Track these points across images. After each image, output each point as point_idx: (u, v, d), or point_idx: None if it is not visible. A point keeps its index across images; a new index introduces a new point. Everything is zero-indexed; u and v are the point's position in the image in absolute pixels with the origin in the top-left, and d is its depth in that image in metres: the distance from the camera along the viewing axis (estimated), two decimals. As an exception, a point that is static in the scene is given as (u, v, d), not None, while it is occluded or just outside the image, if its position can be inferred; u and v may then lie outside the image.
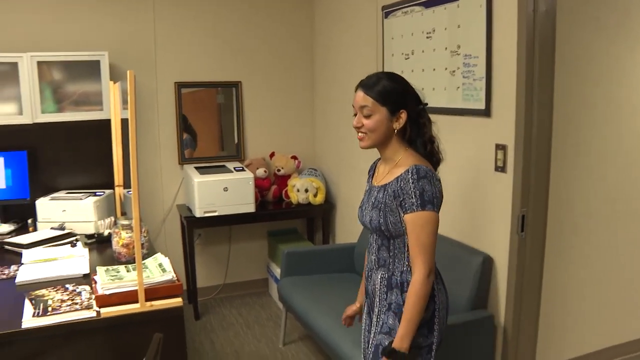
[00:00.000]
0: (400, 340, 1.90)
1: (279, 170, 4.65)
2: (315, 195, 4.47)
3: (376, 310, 2.08)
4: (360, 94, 2.03)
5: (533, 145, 2.68)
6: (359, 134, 2.08)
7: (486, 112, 2.85)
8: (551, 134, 2.75)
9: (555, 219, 2.96)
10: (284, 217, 4.76)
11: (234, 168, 4.36)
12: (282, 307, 3.87)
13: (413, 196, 1.90)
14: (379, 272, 2.08)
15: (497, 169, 2.82)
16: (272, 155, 4.75)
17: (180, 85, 4.57)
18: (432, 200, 1.89)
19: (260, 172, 4.55)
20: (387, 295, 2.04)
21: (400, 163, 2.01)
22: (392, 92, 2.00)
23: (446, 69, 3.13)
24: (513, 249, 2.76)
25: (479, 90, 2.88)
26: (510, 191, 2.75)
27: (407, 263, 2.00)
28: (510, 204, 2.75)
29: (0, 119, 3.84)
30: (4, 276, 2.87)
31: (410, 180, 1.91)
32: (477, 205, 3.00)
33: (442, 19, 3.12)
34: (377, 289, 2.08)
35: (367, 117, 2.01)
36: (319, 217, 4.72)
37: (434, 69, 3.23)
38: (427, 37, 3.27)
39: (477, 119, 2.94)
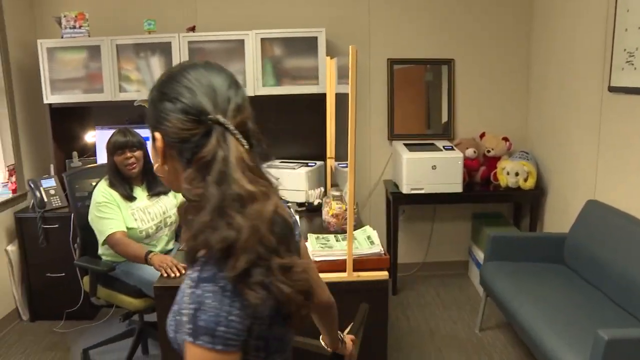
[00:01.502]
0: None
1: (488, 151, 4.50)
2: (525, 180, 4.26)
3: None
4: None
5: None
6: None
7: None
8: None
9: None
10: (490, 200, 4.62)
11: (443, 147, 4.30)
12: (482, 292, 3.77)
13: (185, 314, 1.05)
14: None
15: None
16: (482, 135, 4.61)
17: (392, 62, 4.60)
18: (212, 328, 1.02)
19: (470, 152, 4.44)
20: None
21: None
22: (151, 103, 1.18)
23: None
24: None
25: None
26: None
27: None
28: None
29: (228, 91, 4.18)
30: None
31: (189, 282, 1.08)
32: None
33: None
34: None
35: None
36: (528, 202, 4.50)
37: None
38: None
39: None
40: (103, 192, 3.17)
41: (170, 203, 3.40)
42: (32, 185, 3.99)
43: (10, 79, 4.17)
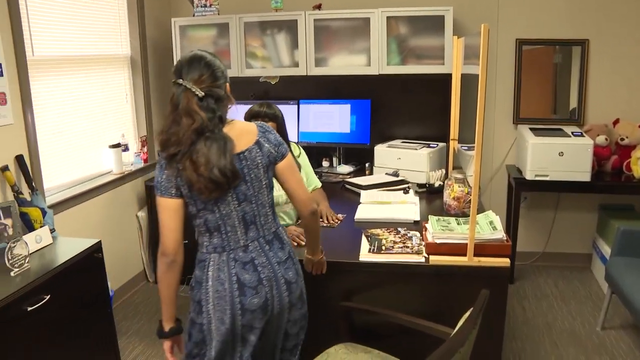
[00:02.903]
0: None
1: (622, 139, 4.22)
2: (663, 172, 3.98)
3: None
4: None
5: None
6: None
7: None
8: None
9: None
10: (621, 191, 4.32)
11: (572, 133, 4.09)
12: (607, 288, 3.57)
13: None
14: None
15: None
16: (615, 122, 4.33)
17: (521, 42, 4.42)
18: (156, 185, 1.99)
19: (601, 139, 4.19)
20: None
21: None
22: None
23: None
24: None
25: None
26: None
27: None
28: None
29: (352, 69, 4.21)
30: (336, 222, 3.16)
31: None
32: None
33: None
34: None
35: None
36: (664, 196, 4.20)
37: None
38: None
39: None
40: None
41: None
42: (162, 155, 4.21)
43: (146, 55, 4.41)
